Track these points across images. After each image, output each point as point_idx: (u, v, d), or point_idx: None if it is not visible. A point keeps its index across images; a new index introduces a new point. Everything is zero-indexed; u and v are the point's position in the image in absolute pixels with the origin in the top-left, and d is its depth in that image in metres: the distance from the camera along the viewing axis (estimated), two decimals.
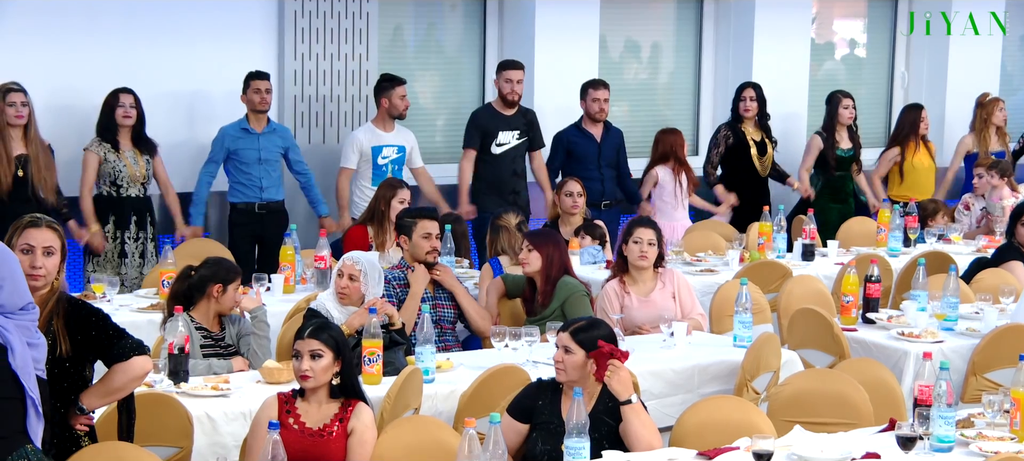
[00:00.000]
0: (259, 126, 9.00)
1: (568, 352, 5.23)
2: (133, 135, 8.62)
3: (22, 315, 4.19)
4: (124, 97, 8.56)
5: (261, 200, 9.02)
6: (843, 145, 10.63)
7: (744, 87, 10.52)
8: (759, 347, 6.33)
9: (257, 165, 8.98)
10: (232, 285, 6.32)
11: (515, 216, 8.13)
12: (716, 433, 5.25)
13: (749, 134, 10.45)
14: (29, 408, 4.19)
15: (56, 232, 4.67)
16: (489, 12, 10.64)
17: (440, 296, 7.04)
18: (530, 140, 9.73)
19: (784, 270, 8.32)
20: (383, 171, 9.24)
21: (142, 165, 8.62)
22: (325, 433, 4.99)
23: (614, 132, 9.97)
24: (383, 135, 9.30)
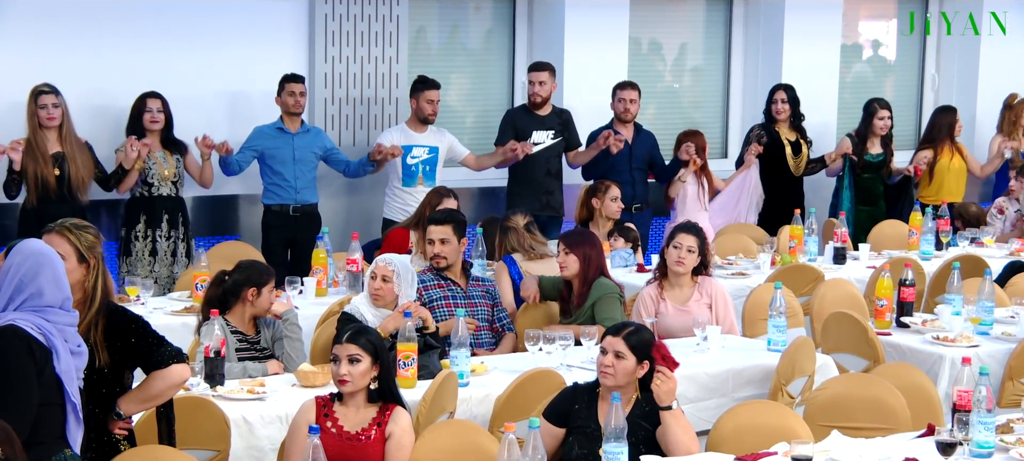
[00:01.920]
0: (293, 127, 9.04)
1: (619, 357, 5.20)
2: (162, 137, 8.68)
3: (62, 315, 4.22)
4: (151, 102, 8.62)
5: (296, 203, 9.04)
6: (873, 150, 10.57)
7: (776, 89, 10.50)
8: (794, 351, 6.31)
9: (292, 165, 9.01)
10: (266, 288, 6.34)
11: (523, 216, 8.11)
12: (753, 438, 5.24)
13: (784, 135, 10.42)
14: (69, 414, 4.22)
15: (67, 238, 4.65)
16: (518, 14, 10.64)
17: (473, 298, 7.04)
18: (566, 140, 9.74)
19: (816, 273, 8.29)
20: (412, 171, 9.26)
21: (172, 164, 8.66)
22: (363, 437, 4.99)
23: (645, 134, 9.96)
24: (414, 136, 9.31)
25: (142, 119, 8.60)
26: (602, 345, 5.26)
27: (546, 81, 9.63)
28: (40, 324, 4.17)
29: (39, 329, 4.16)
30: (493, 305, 7.10)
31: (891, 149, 10.68)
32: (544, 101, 9.65)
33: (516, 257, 7.84)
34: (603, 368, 5.22)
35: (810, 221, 9.07)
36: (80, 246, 4.64)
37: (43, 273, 4.22)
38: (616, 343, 5.21)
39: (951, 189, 10.65)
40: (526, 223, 8.01)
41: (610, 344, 5.22)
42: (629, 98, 9.80)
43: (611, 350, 5.21)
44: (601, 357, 5.24)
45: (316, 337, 6.80)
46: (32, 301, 4.20)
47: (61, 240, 4.62)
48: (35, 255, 4.26)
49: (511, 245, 7.94)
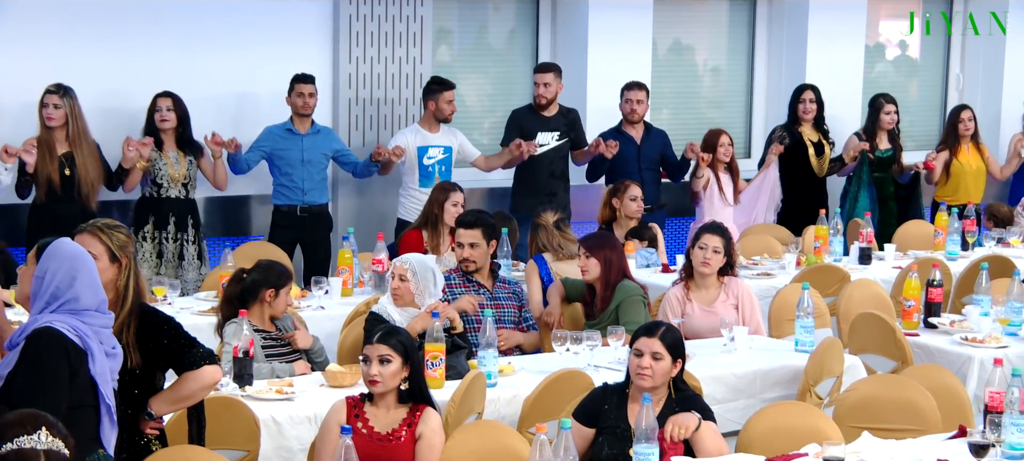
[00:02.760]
0: (303, 128, 9.01)
1: (657, 358, 5.19)
2: (177, 138, 8.66)
3: (98, 318, 4.23)
4: (161, 101, 8.60)
5: (303, 203, 9.01)
6: (882, 146, 10.52)
7: (803, 89, 10.46)
8: (822, 352, 6.29)
9: (300, 167, 8.98)
10: (284, 290, 6.35)
11: (553, 214, 8.06)
12: (783, 439, 5.22)
13: (806, 136, 10.37)
14: (104, 416, 4.23)
15: (99, 238, 4.67)
16: (541, 15, 10.63)
17: (500, 298, 7.03)
18: (573, 141, 9.68)
19: (842, 274, 8.27)
20: (429, 172, 9.25)
21: (184, 166, 8.63)
22: (393, 438, 4.99)
23: (656, 134, 9.89)
24: (429, 136, 9.30)
25: (154, 119, 8.60)
26: (637, 347, 5.23)
27: (552, 83, 9.56)
28: (76, 326, 4.18)
29: (75, 331, 4.17)
30: (519, 306, 7.09)
31: (900, 145, 10.62)
32: (550, 102, 9.59)
33: (546, 257, 7.82)
34: (641, 371, 5.18)
35: (835, 221, 9.04)
36: (112, 245, 4.65)
37: (79, 277, 4.24)
38: (653, 344, 5.19)
39: (969, 189, 10.58)
40: (556, 221, 7.96)
41: (646, 345, 5.19)
42: (636, 99, 9.74)
43: (648, 351, 5.18)
44: (637, 359, 5.20)
45: (343, 338, 6.81)
46: (69, 305, 4.21)
47: (93, 240, 4.63)
48: (69, 259, 4.27)
49: (540, 244, 7.91)
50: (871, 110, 10.61)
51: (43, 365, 4.13)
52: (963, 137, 10.62)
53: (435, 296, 6.52)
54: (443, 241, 8.24)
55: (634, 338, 5.28)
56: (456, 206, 8.27)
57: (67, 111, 8.23)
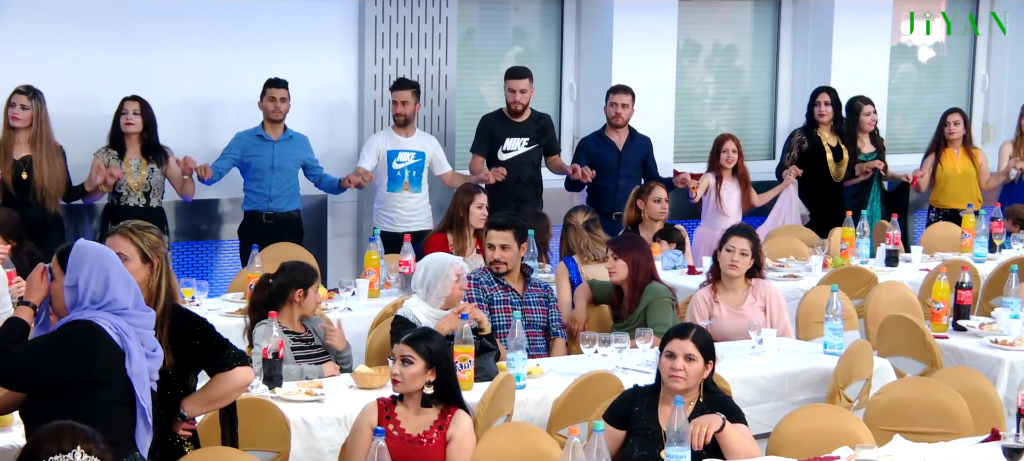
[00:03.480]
0: (275, 134, 8.82)
1: (690, 359, 5.18)
2: (142, 143, 8.45)
3: (140, 316, 4.24)
4: (128, 105, 8.38)
5: (269, 210, 8.80)
6: (865, 150, 10.34)
7: (819, 92, 10.37)
8: (852, 354, 6.27)
9: (269, 173, 8.78)
10: (312, 288, 6.36)
11: (583, 214, 8.03)
12: (814, 442, 5.21)
13: (825, 139, 10.29)
14: (139, 417, 4.24)
15: (130, 239, 4.67)
16: (566, 16, 10.63)
17: (530, 302, 7.02)
18: (544, 146, 9.47)
19: (869, 276, 8.24)
20: (398, 176, 9.05)
21: (143, 174, 8.40)
22: (425, 439, 5.00)
23: (640, 140, 9.67)
24: (401, 140, 9.08)
25: (119, 122, 8.37)
26: (669, 349, 5.22)
27: (527, 89, 9.34)
28: (119, 325, 4.20)
29: (116, 329, 4.19)
30: (548, 309, 7.08)
31: (883, 147, 10.44)
32: (524, 108, 9.38)
33: (576, 258, 7.79)
34: (674, 372, 5.16)
35: (862, 223, 9.01)
36: (143, 246, 4.66)
37: (111, 276, 4.25)
38: (686, 345, 5.18)
39: (955, 194, 10.28)
40: (586, 221, 7.93)
41: (679, 347, 5.18)
42: (622, 103, 9.54)
43: (681, 353, 5.17)
44: (669, 362, 5.18)
45: (371, 340, 6.81)
46: (110, 306, 4.22)
47: (124, 241, 4.64)
48: (98, 259, 4.28)
49: (570, 244, 7.89)
50: (850, 113, 10.38)
51: (62, 344, 4.16)
52: (951, 142, 10.32)
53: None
54: (469, 243, 8.22)
55: (666, 340, 5.26)
56: (481, 208, 8.23)
57: (33, 114, 8.08)
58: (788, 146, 10.36)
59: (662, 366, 5.22)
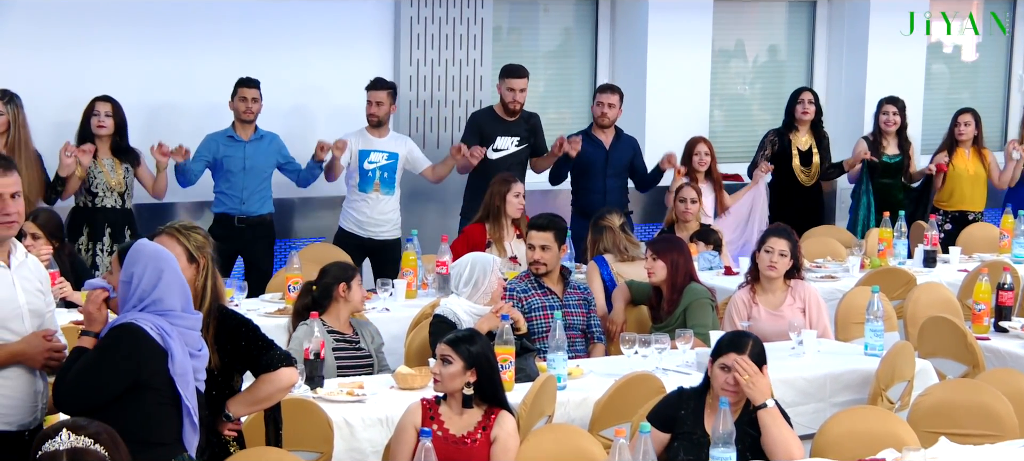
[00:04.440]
0: (246, 134, 8.67)
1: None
2: (112, 145, 8.32)
3: (185, 318, 4.26)
4: (100, 106, 8.25)
5: (241, 213, 8.65)
6: (890, 151, 10.19)
7: (802, 91, 10.16)
8: (894, 356, 6.24)
9: (241, 174, 8.64)
10: (355, 281, 6.38)
11: (618, 216, 8.01)
12: (859, 444, 5.18)
13: (796, 142, 10.06)
14: (185, 417, 4.25)
15: (177, 239, 4.70)
16: (601, 17, 10.61)
17: (569, 305, 7.01)
18: (533, 147, 9.35)
19: (908, 277, 8.21)
20: (369, 177, 8.90)
21: (120, 174, 8.30)
22: (469, 440, 4.99)
23: (626, 140, 9.54)
24: (373, 141, 8.93)
25: (89, 123, 8.24)
26: (723, 362, 5.15)
27: (525, 88, 9.22)
28: (160, 325, 4.21)
29: (158, 329, 4.20)
30: (588, 313, 7.07)
31: (909, 150, 10.28)
32: (521, 109, 9.26)
33: (608, 258, 7.79)
34: (727, 388, 5.08)
35: (900, 224, 8.97)
36: (190, 246, 4.68)
37: (164, 277, 4.27)
38: (744, 362, 5.12)
39: (965, 195, 10.17)
40: (622, 223, 7.93)
41: (741, 362, 5.11)
42: (608, 102, 9.39)
43: (744, 366, 5.13)
44: (724, 375, 5.12)
45: (409, 341, 6.81)
46: (155, 306, 4.24)
47: (171, 242, 4.66)
48: (154, 259, 4.30)
49: (604, 245, 7.86)
50: (877, 112, 10.24)
51: (108, 354, 4.19)
52: (961, 142, 10.19)
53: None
54: (506, 233, 8.23)
55: (720, 350, 5.19)
56: (518, 197, 8.24)
57: (10, 119, 7.96)
58: (761, 146, 10.12)
59: (715, 376, 5.15)
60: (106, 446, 3.56)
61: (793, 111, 10.11)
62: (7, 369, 4.42)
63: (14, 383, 4.44)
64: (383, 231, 8.95)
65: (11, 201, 4.43)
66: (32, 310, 4.50)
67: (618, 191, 9.48)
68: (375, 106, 8.87)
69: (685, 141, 9.81)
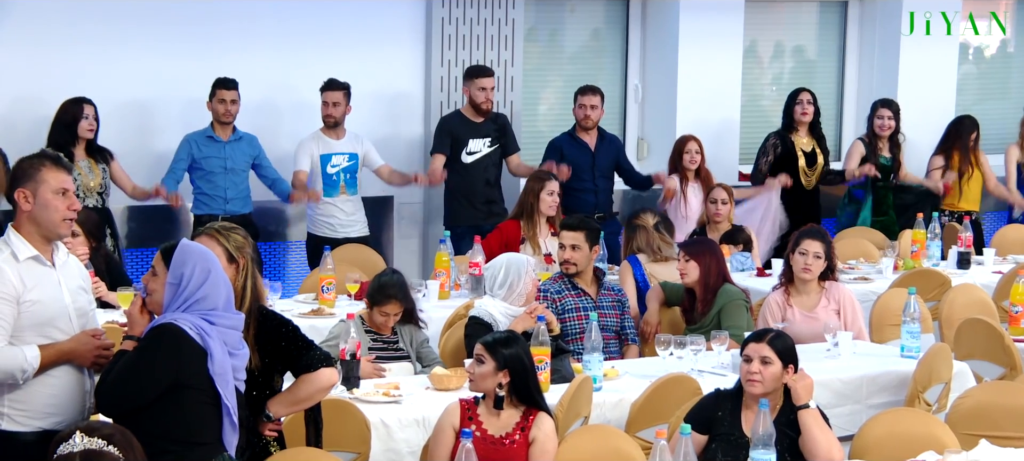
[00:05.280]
0: (225, 135, 8.65)
1: (766, 362, 5.15)
2: (87, 145, 8.27)
3: (226, 316, 4.26)
4: (87, 108, 8.20)
5: (225, 212, 8.54)
6: (884, 154, 10.09)
7: (800, 91, 10.04)
8: (931, 358, 6.21)
9: (222, 175, 8.63)
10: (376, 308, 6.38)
11: (653, 215, 7.99)
12: (898, 446, 5.15)
13: (799, 144, 9.98)
14: (224, 417, 4.25)
15: (217, 239, 4.70)
16: (632, 17, 10.59)
17: (603, 306, 7.00)
18: (503, 146, 9.32)
19: (942, 278, 8.16)
20: (334, 180, 8.91)
21: (98, 174, 8.26)
22: (507, 441, 4.98)
23: (610, 140, 9.53)
24: (331, 143, 8.92)
25: (77, 126, 8.17)
26: (746, 353, 5.19)
27: (494, 87, 9.27)
28: (199, 325, 4.21)
29: (197, 329, 4.21)
30: (622, 314, 7.05)
31: (900, 153, 10.17)
32: (492, 108, 9.25)
33: (641, 258, 7.76)
34: (750, 376, 5.14)
35: (933, 225, 8.92)
36: (229, 247, 4.69)
37: (210, 277, 4.28)
38: (761, 349, 5.15)
39: (969, 197, 10.11)
40: (656, 222, 7.90)
41: (755, 350, 5.16)
42: (590, 104, 9.35)
43: (757, 356, 5.15)
44: (746, 365, 5.16)
45: (444, 341, 6.82)
46: (198, 305, 4.25)
47: (211, 242, 4.66)
48: (201, 258, 4.32)
49: (638, 245, 7.84)
50: (870, 116, 10.15)
51: (148, 355, 4.20)
52: (961, 147, 10.10)
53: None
54: (540, 230, 8.24)
55: (744, 344, 5.24)
56: (552, 195, 8.26)
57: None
58: (763, 150, 9.99)
59: (740, 370, 5.20)
60: (120, 447, 3.55)
61: (792, 112, 9.97)
62: (56, 368, 4.44)
63: (63, 382, 4.47)
64: (355, 230, 9.00)
65: (74, 198, 4.52)
66: (77, 309, 4.52)
67: (606, 192, 9.49)
68: (331, 107, 8.88)
69: (716, 141, 9.79)
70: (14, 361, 4.36)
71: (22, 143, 8.09)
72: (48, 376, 4.44)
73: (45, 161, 4.50)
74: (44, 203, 4.44)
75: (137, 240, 9.03)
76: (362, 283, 7.42)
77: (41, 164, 4.48)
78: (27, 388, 4.42)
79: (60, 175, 4.47)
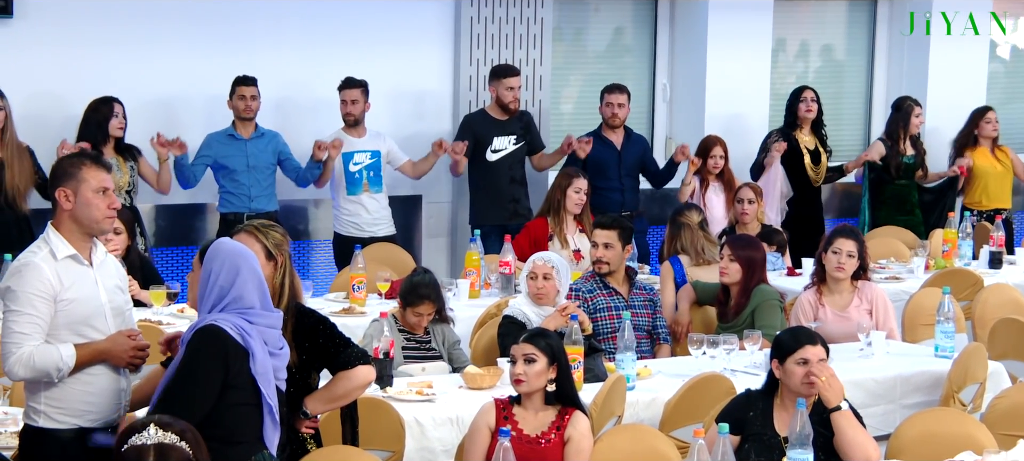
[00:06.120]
0: (246, 132, 8.62)
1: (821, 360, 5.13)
2: (116, 143, 8.25)
3: (264, 316, 4.27)
4: (116, 107, 8.18)
5: (250, 209, 8.52)
6: (907, 152, 10.04)
7: (804, 89, 9.99)
8: (966, 358, 6.18)
9: (246, 173, 8.59)
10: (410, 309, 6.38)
11: (698, 213, 7.94)
12: (936, 446, 5.13)
13: (803, 142, 9.92)
14: (266, 415, 4.26)
15: (255, 236, 4.70)
16: (660, 17, 10.57)
17: (635, 305, 6.98)
18: (529, 144, 9.31)
19: (975, 278, 8.13)
20: (356, 179, 8.87)
21: (126, 173, 8.23)
22: (543, 440, 4.97)
23: (636, 139, 9.50)
24: (354, 141, 8.86)
25: (108, 125, 8.14)
26: (802, 355, 5.11)
27: (521, 86, 9.26)
28: (240, 324, 4.22)
29: (237, 329, 4.21)
30: (653, 313, 7.03)
31: (922, 150, 10.14)
32: (518, 107, 9.24)
33: (683, 260, 7.70)
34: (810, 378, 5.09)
35: (965, 225, 8.88)
36: (268, 244, 4.69)
37: (241, 275, 4.28)
38: (819, 351, 5.13)
39: (993, 193, 10.04)
40: (700, 220, 7.86)
41: (813, 354, 5.10)
42: (617, 102, 9.33)
43: (815, 358, 5.10)
44: (803, 369, 5.09)
45: (476, 341, 6.81)
46: (234, 304, 4.25)
47: (249, 239, 4.66)
48: (231, 256, 4.32)
49: (682, 244, 7.77)
50: (898, 113, 10.04)
51: (197, 362, 4.19)
52: (983, 140, 10.05)
53: (563, 292, 6.52)
54: (567, 227, 8.23)
55: (797, 346, 5.14)
56: (578, 193, 8.25)
57: (7, 114, 7.88)
58: (764, 148, 9.91)
59: (792, 372, 5.11)
60: (190, 445, 3.56)
61: (796, 110, 9.92)
62: (92, 367, 4.46)
63: (99, 380, 4.49)
64: (381, 229, 8.96)
65: (114, 197, 4.54)
66: (114, 308, 4.54)
67: (632, 191, 9.46)
68: (350, 105, 8.85)
69: (744, 141, 9.75)
70: (50, 359, 4.38)
71: (51, 141, 8.17)
72: (84, 375, 4.45)
73: (86, 160, 4.52)
74: (85, 202, 4.46)
75: (164, 239, 9.04)
76: (393, 282, 7.44)
77: (82, 163, 4.50)
78: (63, 386, 4.44)
79: (100, 174, 4.49)
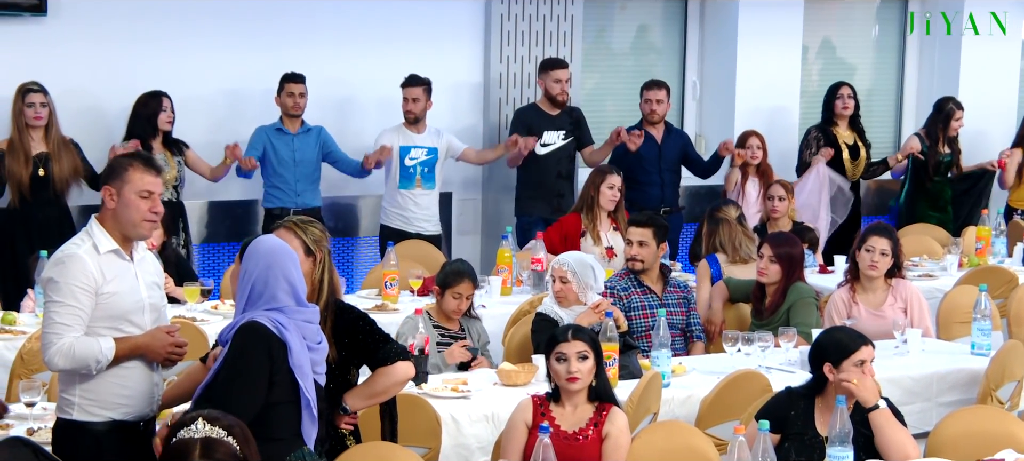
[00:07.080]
0: (293, 128, 8.71)
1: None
2: (164, 137, 8.36)
3: (300, 311, 4.27)
4: (165, 101, 8.30)
5: (297, 205, 8.59)
6: (944, 151, 10.01)
7: (840, 85, 9.98)
8: (1004, 355, 6.14)
9: (293, 167, 8.67)
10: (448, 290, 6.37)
11: (735, 208, 7.89)
12: (975, 444, 5.10)
13: (841, 137, 9.92)
14: (304, 410, 4.26)
15: (294, 232, 4.71)
16: (690, 15, 10.54)
17: (669, 304, 6.96)
18: (577, 139, 9.33)
19: (1010, 275, 8.08)
20: (409, 173, 8.91)
21: (173, 167, 8.31)
22: (581, 437, 4.95)
23: (676, 134, 9.54)
24: (412, 136, 8.93)
25: (157, 119, 8.25)
26: (859, 357, 5.08)
27: (569, 79, 9.26)
28: (277, 319, 4.22)
29: (275, 324, 4.21)
30: (687, 311, 7.01)
31: (958, 150, 10.10)
32: (567, 100, 9.26)
33: (720, 259, 7.66)
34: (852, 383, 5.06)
35: (998, 221, 8.83)
36: (306, 240, 4.69)
37: (273, 272, 4.28)
38: (871, 351, 5.11)
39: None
40: (738, 215, 7.82)
41: (868, 354, 5.10)
42: (656, 98, 9.35)
43: (868, 359, 5.10)
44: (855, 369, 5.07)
45: (509, 338, 6.80)
46: (266, 302, 4.25)
47: (289, 235, 4.67)
48: (266, 255, 4.32)
49: (720, 240, 7.72)
50: (939, 114, 10.03)
51: (243, 360, 4.19)
52: None
53: (597, 290, 6.49)
54: (601, 224, 8.21)
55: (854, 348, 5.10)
56: (612, 189, 8.22)
57: (51, 109, 7.99)
58: (806, 144, 9.94)
59: (851, 373, 5.08)
60: (238, 440, 3.56)
61: (833, 106, 9.94)
62: (128, 361, 4.48)
63: (135, 375, 4.52)
64: (428, 226, 8.98)
65: (158, 201, 4.55)
66: (152, 304, 4.56)
67: (672, 186, 9.47)
68: (412, 103, 8.90)
69: (774, 138, 9.71)
70: (90, 351, 4.40)
71: (82, 138, 8.27)
72: (120, 368, 4.48)
73: (134, 161, 4.53)
74: (127, 203, 4.48)
75: (210, 235, 9.09)
76: (425, 278, 7.44)
77: (130, 164, 4.52)
78: (99, 379, 4.47)
79: (147, 177, 4.50)
